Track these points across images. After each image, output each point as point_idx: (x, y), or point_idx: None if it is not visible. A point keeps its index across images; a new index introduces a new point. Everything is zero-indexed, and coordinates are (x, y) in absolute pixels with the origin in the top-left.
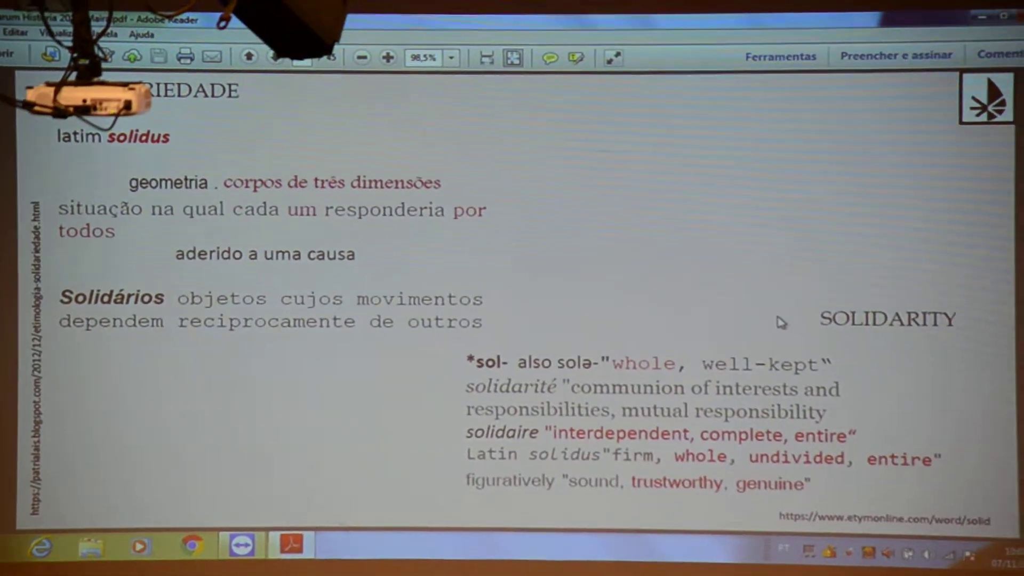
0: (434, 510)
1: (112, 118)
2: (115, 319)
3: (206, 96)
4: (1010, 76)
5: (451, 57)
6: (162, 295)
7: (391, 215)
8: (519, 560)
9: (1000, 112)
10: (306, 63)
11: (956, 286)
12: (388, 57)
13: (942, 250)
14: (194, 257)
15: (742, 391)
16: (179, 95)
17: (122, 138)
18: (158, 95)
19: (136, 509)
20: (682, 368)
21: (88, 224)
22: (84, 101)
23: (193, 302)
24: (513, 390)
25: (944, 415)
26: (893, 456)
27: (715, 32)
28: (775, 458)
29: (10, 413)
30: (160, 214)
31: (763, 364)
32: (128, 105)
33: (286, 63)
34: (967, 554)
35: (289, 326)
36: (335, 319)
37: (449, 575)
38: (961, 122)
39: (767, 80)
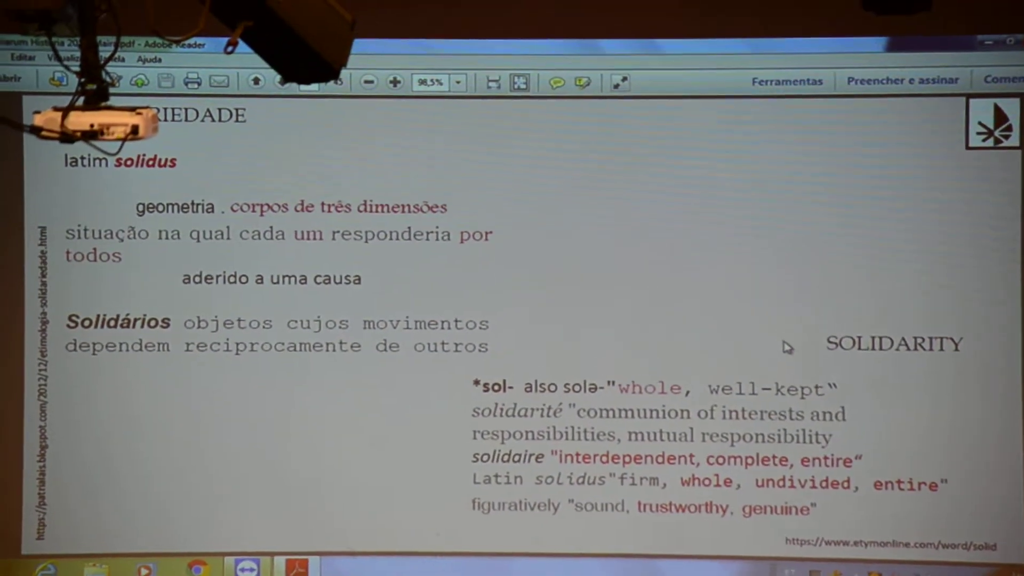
0: (440, 535)
1: (119, 143)
2: (121, 343)
3: (213, 121)
4: (1016, 101)
5: (458, 82)
6: (168, 319)
7: (397, 239)
8: None
9: (1007, 137)
10: (313, 88)
11: (962, 311)
12: (395, 82)
13: (949, 275)
14: (200, 281)
15: (748, 416)
16: (186, 120)
17: (129, 163)
18: (165, 120)
19: (141, 534)
20: (688, 393)
21: (95, 248)
22: (91, 126)
23: (199, 326)
24: (519, 414)
25: (951, 440)
26: (899, 481)
27: (721, 57)
28: (781, 483)
29: (16, 438)
30: (167, 238)
31: (769, 389)
32: (135, 130)
33: (293, 88)
34: None
35: (295, 350)
36: (341, 343)
37: None
38: (968, 147)
39: (773, 105)
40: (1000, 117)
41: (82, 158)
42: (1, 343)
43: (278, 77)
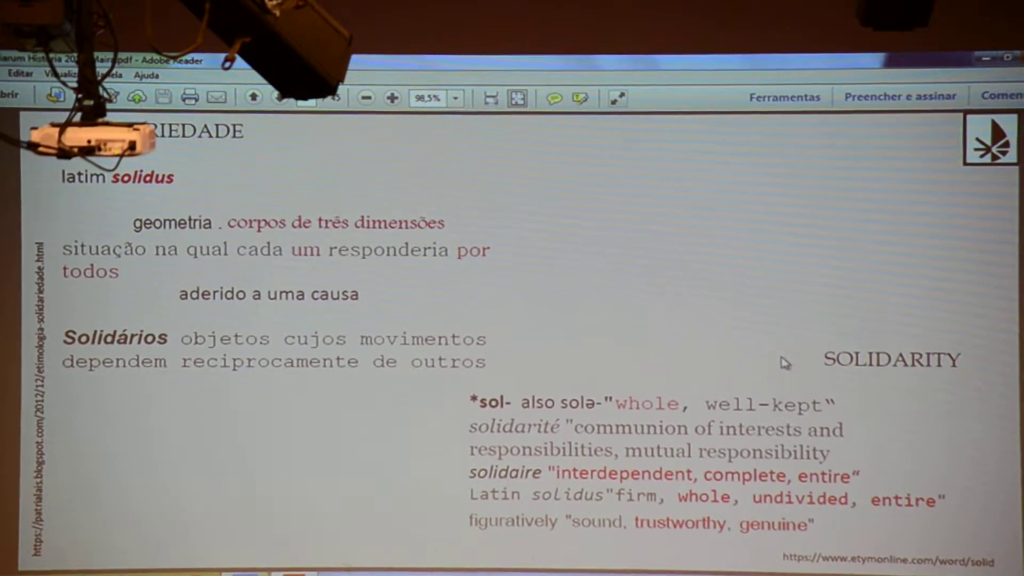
0: (437, 550)
1: (116, 158)
2: (118, 360)
3: (210, 136)
4: (1014, 117)
5: (455, 97)
6: (165, 335)
7: (395, 255)
8: None
9: (1004, 153)
10: (310, 103)
11: (960, 327)
12: (392, 98)
13: (946, 291)
14: (197, 297)
15: (745, 431)
16: (183, 136)
17: (126, 178)
18: (162, 135)
19: (138, 549)
20: (685, 408)
21: (92, 264)
22: (88, 142)
23: (196, 342)
24: (516, 430)
25: (948, 456)
26: (897, 497)
27: (719, 73)
28: (779, 499)
29: (12, 454)
30: (164, 254)
31: (767, 404)
32: (132, 146)
33: (290, 103)
34: None
35: (292, 366)
36: (338, 359)
37: None
38: (965, 163)
39: (771, 120)
40: (998, 133)
41: (79, 174)
42: None
43: (275, 93)
